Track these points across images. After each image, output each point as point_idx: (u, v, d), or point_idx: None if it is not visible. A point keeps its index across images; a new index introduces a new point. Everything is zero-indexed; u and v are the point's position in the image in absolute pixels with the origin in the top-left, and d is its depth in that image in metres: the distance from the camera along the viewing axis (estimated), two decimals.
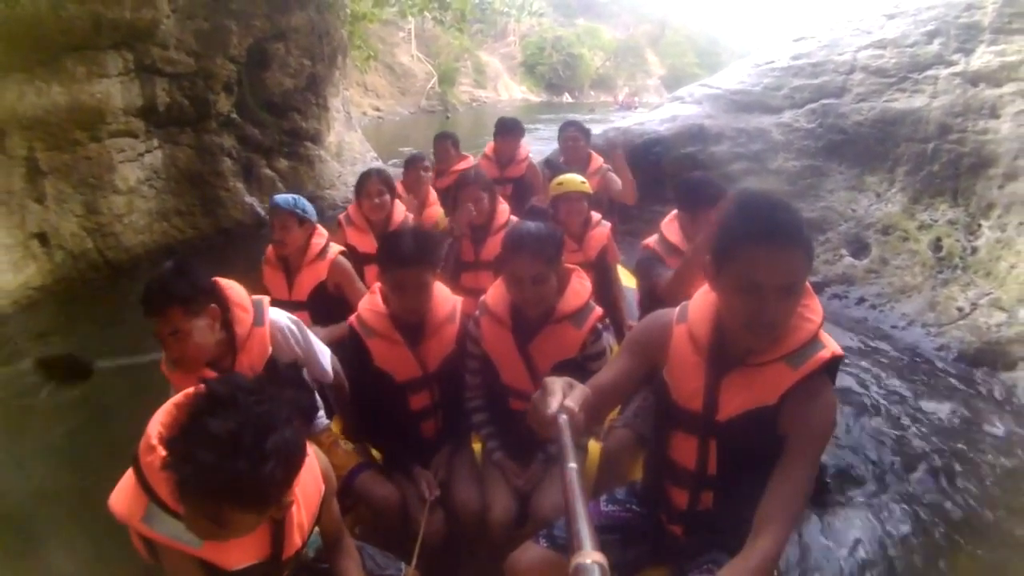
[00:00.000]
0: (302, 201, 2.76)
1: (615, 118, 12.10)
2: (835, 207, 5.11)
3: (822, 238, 4.97)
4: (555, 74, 43.74)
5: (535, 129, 16.44)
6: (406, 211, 3.42)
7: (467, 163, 4.54)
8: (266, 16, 7.30)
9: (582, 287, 2.01)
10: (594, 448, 2.20)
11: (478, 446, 2.14)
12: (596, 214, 3.14)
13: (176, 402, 1.21)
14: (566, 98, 42.36)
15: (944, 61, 5.25)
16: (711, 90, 6.66)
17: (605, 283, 2.95)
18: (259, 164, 7.58)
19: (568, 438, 0.89)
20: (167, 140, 6.55)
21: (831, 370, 1.30)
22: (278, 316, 1.97)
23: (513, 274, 1.88)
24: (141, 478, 1.20)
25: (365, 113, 23.14)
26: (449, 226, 3.13)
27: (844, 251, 4.93)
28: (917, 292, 4.47)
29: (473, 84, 36.77)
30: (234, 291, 1.88)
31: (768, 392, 1.28)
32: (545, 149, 4.57)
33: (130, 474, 1.23)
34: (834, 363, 1.29)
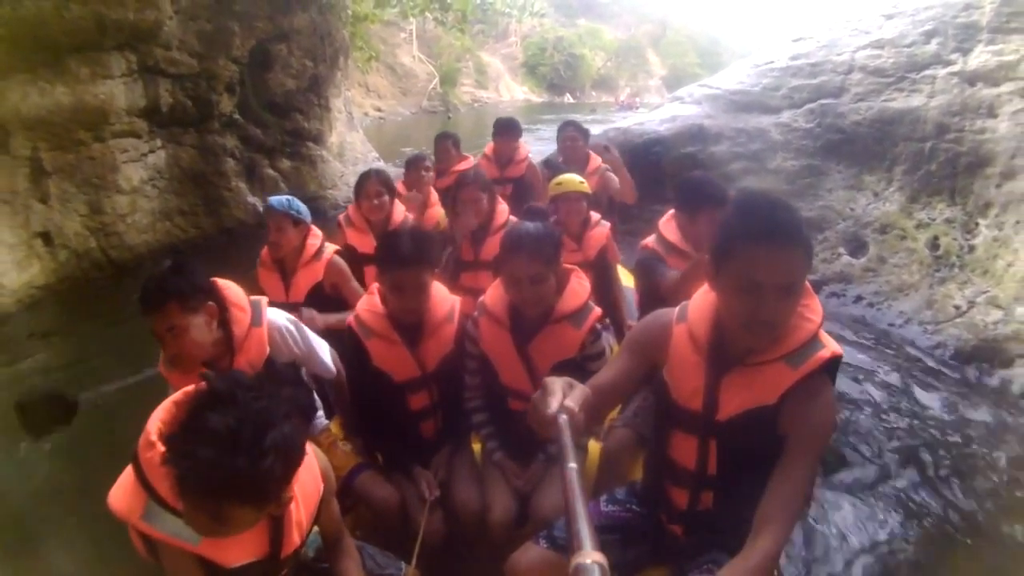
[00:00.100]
0: (296, 202, 2.75)
1: (616, 118, 12.13)
2: (833, 206, 5.13)
3: (820, 237, 4.99)
4: (556, 74, 43.77)
5: (536, 129, 16.47)
6: (406, 211, 3.42)
7: (468, 163, 4.52)
8: (268, 17, 7.33)
9: (581, 287, 2.00)
10: (594, 448, 2.19)
11: (477, 446, 2.14)
12: (595, 214, 3.14)
13: (175, 400, 1.22)
14: (567, 98, 42.35)
15: (942, 61, 5.26)
16: (710, 90, 6.68)
17: (605, 283, 2.95)
18: (262, 164, 7.61)
19: (568, 438, 0.89)
20: (170, 140, 6.59)
21: (831, 370, 1.30)
22: (276, 317, 1.96)
23: (511, 274, 1.87)
24: (140, 475, 1.19)
25: (367, 114, 23.16)
26: (449, 227, 3.14)
27: (842, 250, 4.94)
28: (914, 290, 4.48)
29: (475, 85, 36.79)
30: (232, 291, 1.88)
31: (768, 392, 1.28)
32: (547, 149, 4.58)
33: (129, 471, 1.23)
34: (834, 363, 1.29)
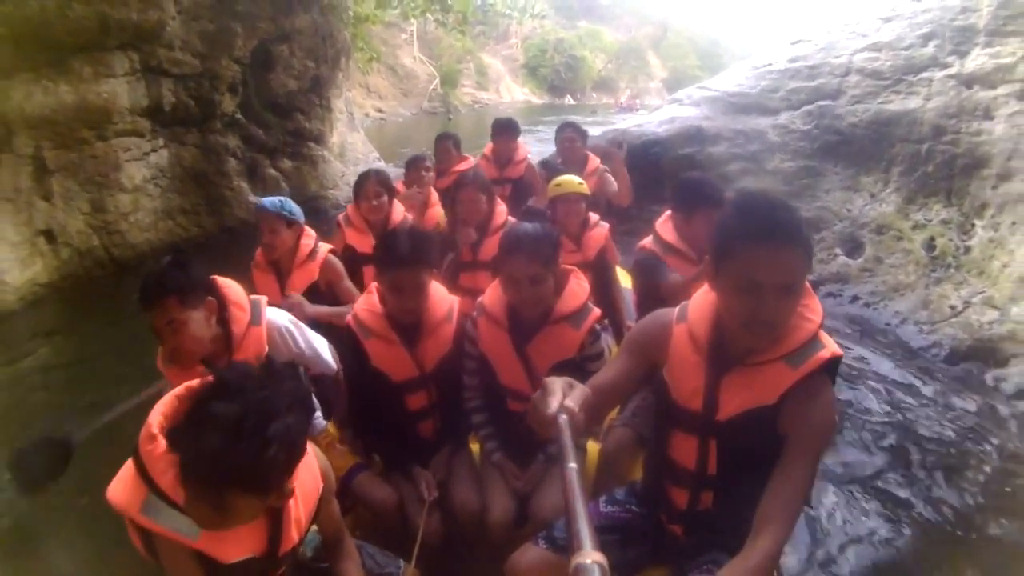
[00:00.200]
0: (288, 203, 2.73)
1: (616, 120, 12.15)
2: (830, 207, 5.17)
3: (817, 237, 5.02)
4: (557, 76, 43.82)
5: (537, 131, 16.49)
6: (405, 212, 3.42)
7: (467, 164, 4.53)
8: (271, 18, 7.37)
9: (580, 288, 1.99)
10: (593, 448, 2.18)
11: (476, 447, 2.14)
12: (594, 215, 3.13)
13: (177, 394, 1.24)
14: (568, 100, 42.42)
15: (939, 63, 5.29)
16: (709, 92, 6.72)
17: (604, 284, 2.94)
18: (263, 164, 7.65)
19: (568, 438, 0.89)
20: (172, 140, 6.63)
21: (831, 370, 1.30)
22: (277, 317, 1.96)
23: (510, 275, 1.86)
24: (141, 468, 1.19)
25: (367, 114, 23.19)
26: (448, 227, 3.14)
27: (839, 250, 4.97)
28: (910, 290, 4.51)
29: (475, 86, 36.85)
30: (231, 290, 1.89)
31: (768, 392, 1.28)
32: (547, 151, 4.61)
33: (129, 465, 1.22)
34: (834, 363, 1.29)
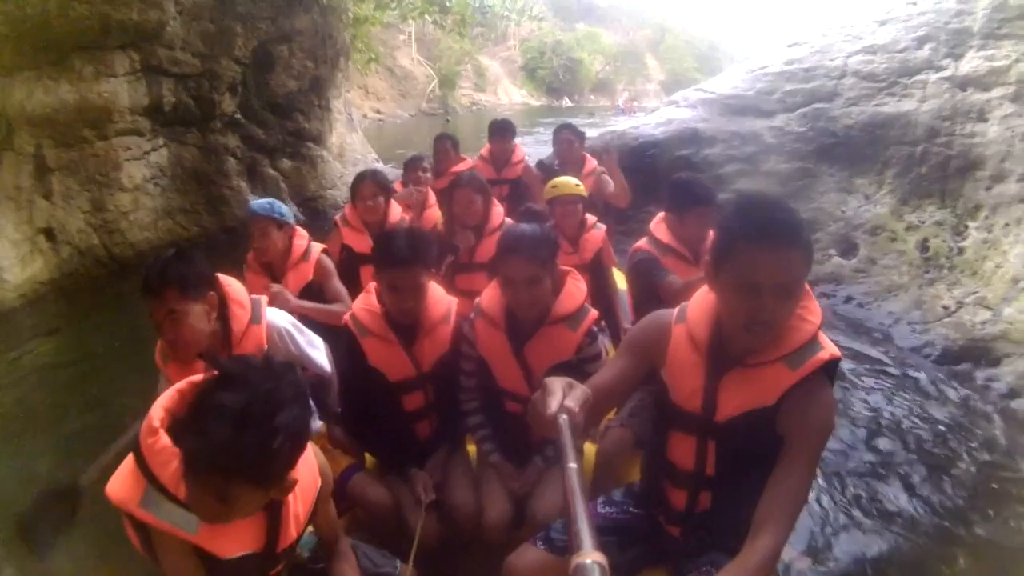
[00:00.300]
0: (278, 205, 2.71)
1: (614, 122, 12.19)
2: (825, 208, 5.21)
3: (812, 238, 5.05)
4: (555, 78, 43.86)
5: (536, 132, 16.54)
6: (403, 212, 3.43)
7: (465, 165, 4.57)
8: (271, 19, 7.39)
9: (577, 289, 1.98)
10: (589, 449, 2.17)
11: (472, 448, 2.14)
12: (592, 216, 3.13)
13: (179, 389, 1.24)
14: (566, 102, 42.44)
15: (934, 66, 5.35)
16: (705, 94, 6.78)
17: (601, 286, 2.94)
18: (263, 164, 7.68)
19: (568, 438, 0.89)
20: (173, 139, 6.66)
21: (829, 371, 1.30)
22: (277, 318, 1.97)
23: (507, 276, 1.85)
24: (141, 462, 1.19)
25: (366, 115, 23.17)
26: (445, 227, 3.16)
27: (833, 251, 5.01)
28: (904, 291, 4.55)
29: (473, 88, 36.90)
30: (233, 288, 1.89)
31: (767, 393, 1.28)
32: (546, 152, 4.66)
33: (129, 459, 1.22)
34: (832, 364, 1.29)
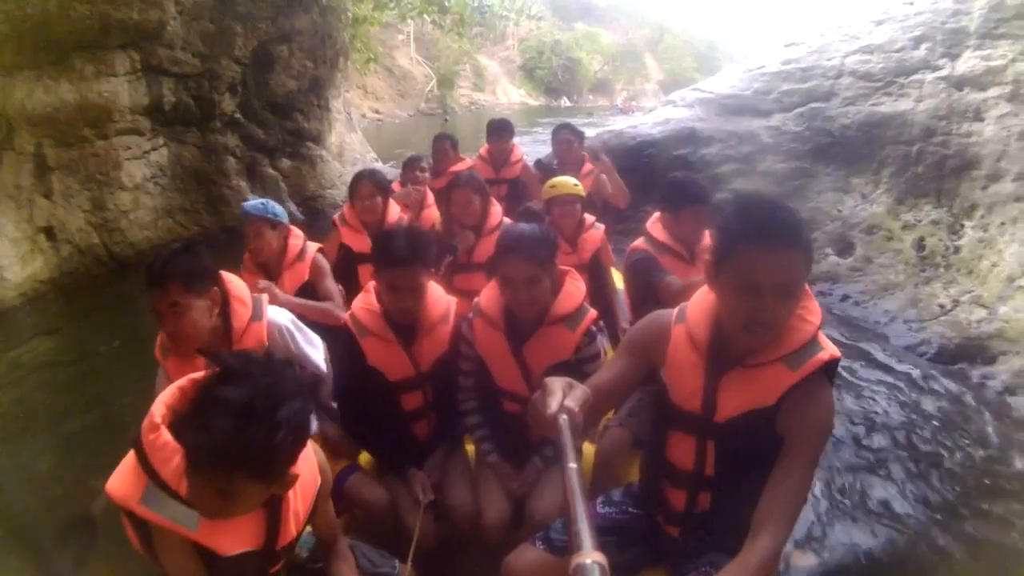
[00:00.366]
0: (272, 205, 2.71)
1: (612, 122, 12.20)
2: (822, 207, 5.23)
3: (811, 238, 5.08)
4: (554, 78, 43.88)
5: (534, 132, 16.57)
6: (401, 212, 3.43)
7: (464, 165, 4.57)
8: (271, 19, 7.40)
9: (576, 289, 1.98)
10: (588, 449, 2.16)
11: (470, 447, 2.14)
12: (590, 216, 3.13)
13: (180, 386, 1.25)
14: (564, 102, 42.46)
15: (930, 66, 5.38)
16: (703, 94, 6.81)
17: (599, 286, 2.94)
18: (262, 163, 7.69)
19: (568, 438, 0.89)
20: (173, 139, 6.67)
21: (829, 372, 1.30)
22: (278, 315, 1.99)
23: (506, 276, 1.85)
24: (142, 458, 1.19)
25: (364, 115, 23.15)
26: (443, 227, 3.17)
27: (829, 250, 5.03)
28: (900, 289, 4.57)
29: (472, 87, 36.92)
30: (235, 285, 1.91)
31: (767, 393, 1.28)
32: (544, 152, 4.68)
33: (130, 456, 1.22)
34: (832, 365, 1.29)
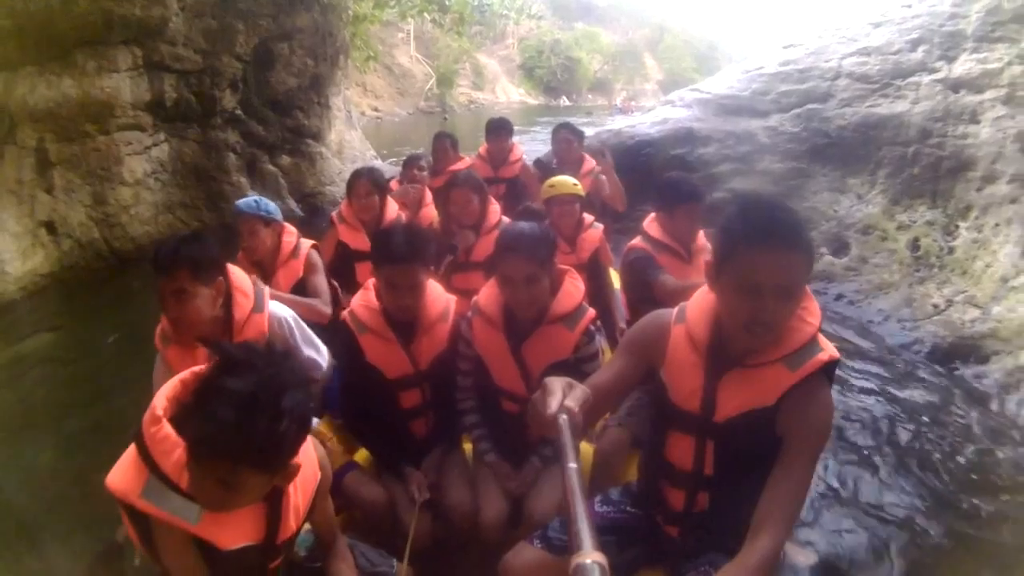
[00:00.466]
0: (265, 202, 2.72)
1: (611, 122, 12.22)
2: (818, 207, 5.28)
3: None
4: (553, 77, 43.82)
5: (533, 131, 16.59)
6: (399, 210, 3.44)
7: (464, 164, 4.58)
8: (272, 16, 7.43)
9: (575, 289, 1.99)
10: (586, 449, 2.16)
11: (469, 447, 2.15)
12: (589, 216, 3.13)
13: (182, 379, 1.26)
14: (564, 101, 42.42)
15: (927, 68, 5.43)
16: (701, 94, 6.85)
17: (598, 285, 2.94)
18: (262, 160, 7.71)
19: (568, 438, 0.90)
20: (173, 135, 6.70)
21: (828, 372, 1.30)
22: (279, 309, 2.02)
23: (505, 275, 1.85)
24: (143, 451, 1.19)
25: (364, 113, 23.12)
26: (441, 226, 3.19)
27: (824, 249, 5.07)
28: (894, 289, 4.62)
29: (471, 86, 36.87)
30: (238, 276, 1.93)
31: (766, 393, 1.28)
32: (543, 151, 4.71)
33: (131, 450, 1.22)
34: (832, 365, 1.30)
